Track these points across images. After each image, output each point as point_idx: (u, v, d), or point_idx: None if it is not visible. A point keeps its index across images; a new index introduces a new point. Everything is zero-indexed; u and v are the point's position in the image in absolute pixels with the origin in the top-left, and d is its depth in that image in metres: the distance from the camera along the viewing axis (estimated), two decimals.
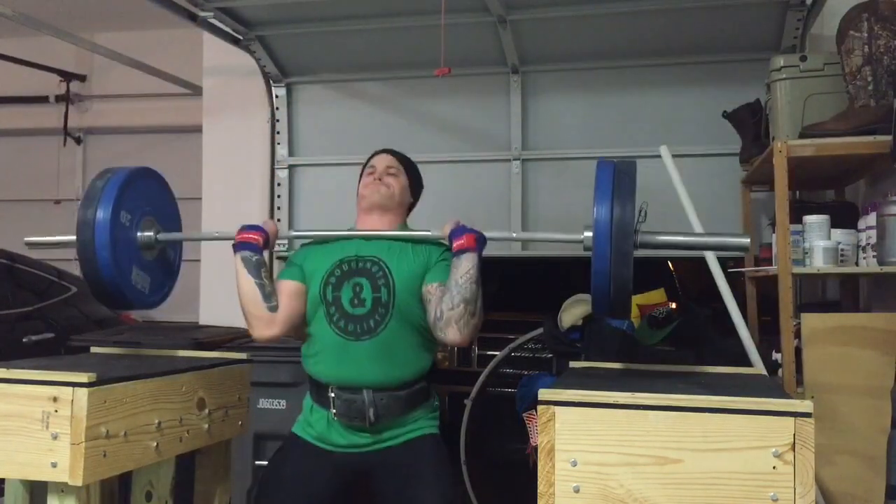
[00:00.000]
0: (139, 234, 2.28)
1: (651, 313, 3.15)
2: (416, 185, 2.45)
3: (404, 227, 2.39)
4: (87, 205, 2.17)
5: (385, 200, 2.32)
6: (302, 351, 2.31)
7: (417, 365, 2.23)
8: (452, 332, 2.11)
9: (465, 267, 2.11)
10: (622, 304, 1.83)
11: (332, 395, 2.19)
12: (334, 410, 2.19)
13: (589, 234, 1.84)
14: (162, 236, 2.34)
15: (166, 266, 2.44)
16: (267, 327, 2.20)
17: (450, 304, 2.10)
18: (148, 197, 2.34)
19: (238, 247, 2.23)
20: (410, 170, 2.44)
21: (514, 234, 2.22)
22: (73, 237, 2.20)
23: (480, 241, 2.16)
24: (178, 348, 2.70)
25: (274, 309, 2.19)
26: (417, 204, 2.50)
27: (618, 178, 1.82)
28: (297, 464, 2.23)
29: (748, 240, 1.96)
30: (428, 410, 2.28)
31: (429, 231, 2.26)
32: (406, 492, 2.16)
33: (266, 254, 2.26)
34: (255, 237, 2.22)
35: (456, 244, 2.14)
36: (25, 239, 2.44)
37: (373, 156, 2.45)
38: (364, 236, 2.29)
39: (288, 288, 2.24)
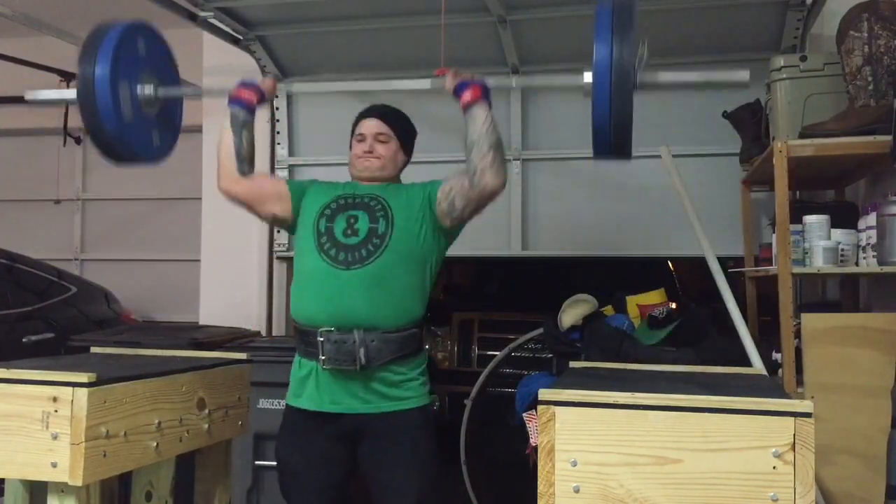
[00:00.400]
0: (139, 87, 2.26)
1: (651, 313, 3.15)
2: (408, 143, 2.44)
3: (397, 180, 2.40)
4: (85, 60, 2.15)
5: (378, 173, 2.34)
6: (291, 296, 2.30)
7: (409, 306, 2.20)
8: (490, 176, 2.16)
9: (482, 117, 2.17)
10: (622, 143, 1.83)
11: (321, 339, 2.15)
12: (323, 357, 2.15)
13: (589, 74, 1.83)
14: (162, 91, 2.32)
15: (168, 122, 2.42)
16: (229, 182, 2.32)
17: (480, 153, 2.15)
18: (148, 52, 2.32)
19: (231, 101, 2.30)
20: (401, 129, 2.41)
21: (514, 83, 2.33)
22: (74, 93, 2.19)
23: (485, 89, 2.21)
24: (178, 348, 2.70)
25: (243, 172, 2.30)
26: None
27: (617, 16, 1.80)
28: (300, 441, 2.24)
29: (747, 72, 1.94)
30: (419, 365, 2.25)
31: (427, 80, 2.30)
32: (389, 476, 2.18)
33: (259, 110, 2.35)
34: (249, 96, 2.30)
35: (463, 99, 2.20)
36: (26, 94, 2.44)
37: (360, 119, 2.42)
38: (365, 90, 2.42)
39: (276, 182, 2.41)
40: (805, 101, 2.76)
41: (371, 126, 2.38)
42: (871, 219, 2.55)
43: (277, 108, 4.12)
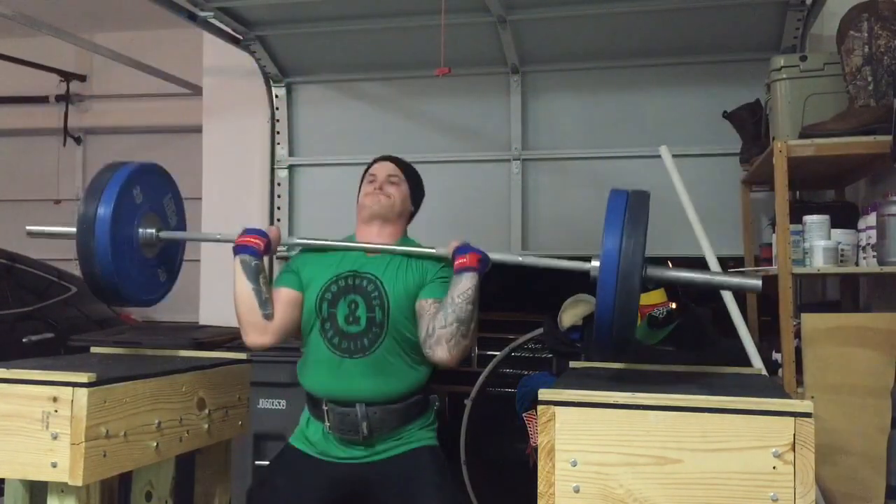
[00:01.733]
0: (140, 230, 2.26)
1: (651, 313, 3.15)
2: (417, 193, 2.42)
3: (405, 237, 2.37)
4: (88, 199, 2.15)
5: (385, 211, 2.30)
6: (297, 365, 2.30)
7: (411, 381, 2.21)
8: (441, 351, 2.08)
9: (465, 286, 2.09)
10: (623, 340, 1.80)
11: (326, 408, 2.18)
12: (328, 424, 2.18)
13: (596, 264, 1.80)
14: (164, 234, 2.33)
15: (167, 264, 2.43)
16: (260, 335, 2.18)
17: (443, 321, 2.07)
18: (153, 193, 2.32)
19: (238, 250, 2.19)
20: (412, 177, 2.40)
21: (520, 258, 2.21)
22: (73, 230, 2.17)
23: (483, 261, 2.14)
24: (178, 348, 2.70)
25: (269, 317, 2.17)
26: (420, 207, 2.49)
27: (629, 209, 1.79)
28: (293, 472, 2.21)
29: (760, 282, 1.91)
30: (425, 422, 2.26)
31: (433, 248, 2.23)
32: (408, 502, 2.15)
33: (266, 260, 2.24)
34: (256, 241, 2.19)
35: (458, 262, 2.12)
36: (27, 228, 2.42)
37: (373, 163, 2.42)
38: (365, 249, 2.25)
39: (284, 296, 2.22)
40: (805, 101, 2.76)
41: (383, 168, 2.37)
42: (871, 219, 2.55)
43: (277, 109, 4.12)
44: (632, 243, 1.74)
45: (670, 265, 5.31)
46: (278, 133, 4.13)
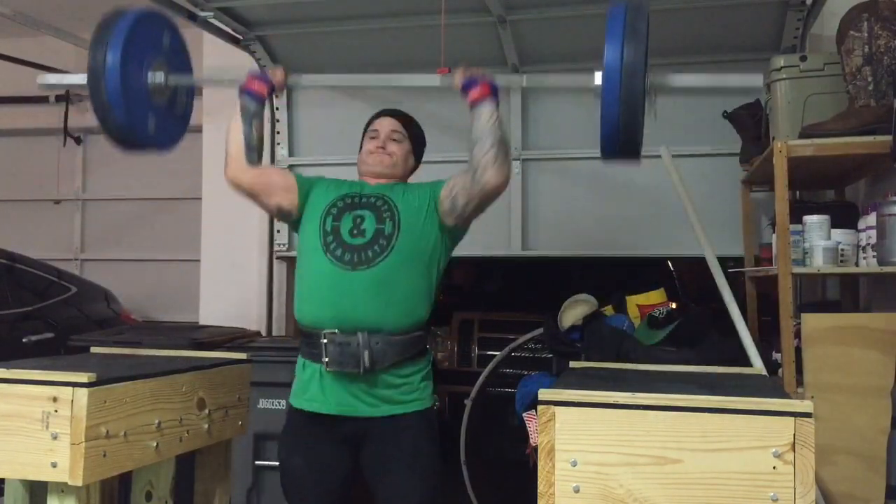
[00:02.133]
0: (150, 76, 2.25)
1: (651, 313, 3.15)
2: (419, 148, 2.44)
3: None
4: (96, 47, 2.13)
5: (388, 171, 2.33)
6: (295, 299, 2.28)
7: (415, 309, 2.19)
8: (491, 174, 2.13)
9: (488, 113, 2.13)
10: (631, 145, 1.82)
11: (325, 340, 2.13)
12: (326, 359, 2.13)
13: (599, 75, 1.80)
14: (173, 79, 2.32)
15: (178, 110, 2.42)
16: (237, 170, 2.30)
17: (482, 149, 2.12)
18: (156, 40, 2.30)
19: (241, 91, 2.29)
20: (414, 133, 2.42)
21: (524, 82, 2.31)
22: (83, 78, 2.16)
23: (494, 87, 2.17)
24: (178, 348, 2.70)
25: (251, 161, 2.26)
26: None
27: (629, 18, 1.79)
28: (302, 443, 2.23)
29: (760, 76, 1.93)
30: (423, 367, 2.24)
31: (437, 80, 2.26)
32: (391, 480, 2.17)
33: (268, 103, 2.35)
34: (260, 87, 2.28)
35: (472, 96, 2.16)
36: (39, 80, 2.42)
37: (375, 117, 2.43)
38: (374, 86, 2.38)
39: (284, 178, 2.36)
40: (805, 101, 2.76)
41: (386, 124, 2.38)
42: (871, 219, 2.55)
43: (277, 109, 4.12)
44: (632, 51, 1.76)
45: (671, 265, 5.33)
46: (278, 133, 4.13)
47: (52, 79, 2.43)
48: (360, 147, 2.41)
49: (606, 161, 1.97)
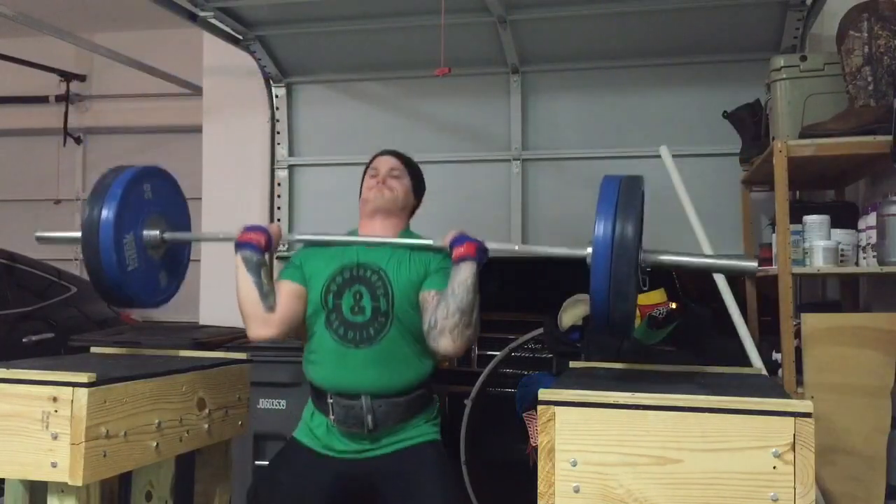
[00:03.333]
0: (145, 232, 2.27)
1: (651, 313, 3.15)
2: (419, 187, 2.43)
3: (407, 230, 2.38)
4: (93, 203, 2.15)
5: (388, 204, 2.31)
6: (303, 359, 2.30)
7: (417, 372, 2.21)
8: (445, 342, 2.09)
9: (464, 276, 2.09)
10: (622, 325, 1.79)
11: (331, 401, 2.18)
12: (333, 417, 2.18)
13: (590, 250, 1.79)
14: (168, 236, 2.33)
15: (173, 265, 2.43)
16: (263, 327, 2.20)
17: (444, 312, 2.08)
18: (156, 195, 2.32)
19: (239, 246, 2.21)
20: (413, 172, 2.42)
21: (517, 247, 2.20)
22: (79, 234, 2.18)
23: (481, 250, 2.14)
24: (178, 348, 2.69)
25: (271, 309, 2.18)
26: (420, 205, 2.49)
27: (622, 194, 1.78)
28: (296, 468, 2.22)
29: (755, 263, 1.92)
30: (429, 416, 2.27)
31: (430, 240, 2.24)
32: (408, 500, 2.15)
33: (267, 256, 2.25)
34: (258, 238, 2.21)
35: (456, 252, 2.12)
36: (36, 234, 2.43)
37: (375, 157, 2.43)
38: (366, 243, 2.27)
39: (287, 289, 2.24)
40: (805, 101, 2.76)
41: (385, 162, 2.38)
42: (871, 219, 2.55)
43: (277, 109, 4.12)
44: (624, 227, 1.73)
45: None
46: (278, 133, 4.13)
47: (51, 235, 2.46)
48: (360, 190, 2.39)
49: (596, 335, 1.94)
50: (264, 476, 2.29)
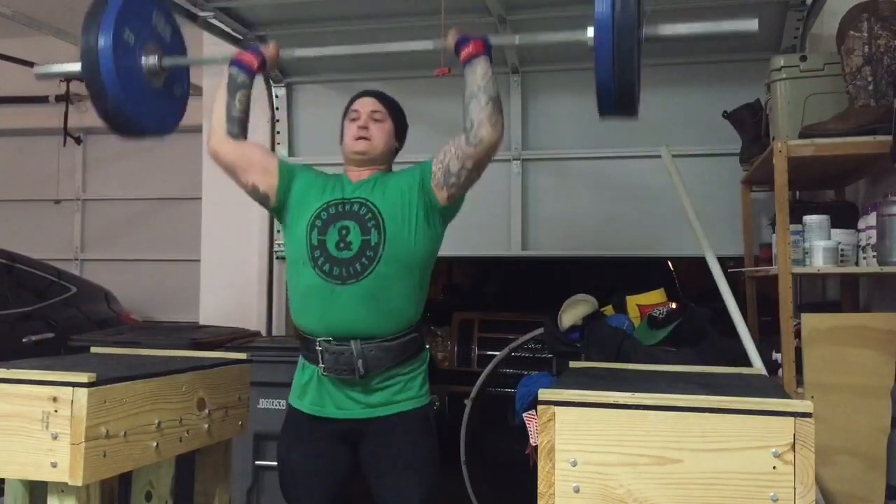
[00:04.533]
0: (143, 58, 2.25)
1: (651, 313, 3.15)
2: (401, 129, 2.40)
3: (389, 169, 2.37)
4: (87, 30, 2.13)
5: (371, 153, 2.29)
6: (290, 304, 2.29)
7: (407, 313, 2.19)
8: (486, 130, 2.12)
9: (482, 70, 2.13)
10: (627, 101, 1.79)
11: (320, 348, 2.15)
12: (322, 365, 2.15)
13: (591, 30, 1.79)
14: (167, 61, 2.31)
15: (174, 93, 2.42)
16: (218, 142, 2.30)
17: (478, 106, 2.11)
18: (150, 21, 2.30)
19: (232, 62, 2.29)
20: (395, 112, 2.39)
21: (517, 39, 2.31)
22: (79, 66, 2.18)
23: (487, 45, 2.16)
24: (178, 348, 2.70)
25: (231, 135, 2.27)
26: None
27: None
28: (304, 445, 2.23)
29: (755, 21, 1.89)
30: (419, 366, 2.24)
31: (430, 44, 2.24)
32: (390, 477, 2.17)
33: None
34: (250, 59, 2.29)
35: (464, 53, 2.15)
36: (35, 70, 2.43)
37: (355, 98, 2.39)
38: (363, 53, 2.43)
39: (267, 157, 2.34)
40: (805, 101, 2.76)
41: (366, 104, 2.35)
42: (871, 219, 2.55)
43: (277, 109, 4.12)
44: (624, 2, 1.74)
45: (671, 265, 5.33)
46: (278, 133, 4.14)
47: (49, 69, 2.44)
48: (341, 132, 2.36)
49: (604, 118, 1.95)
50: (281, 458, 2.29)
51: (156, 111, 2.32)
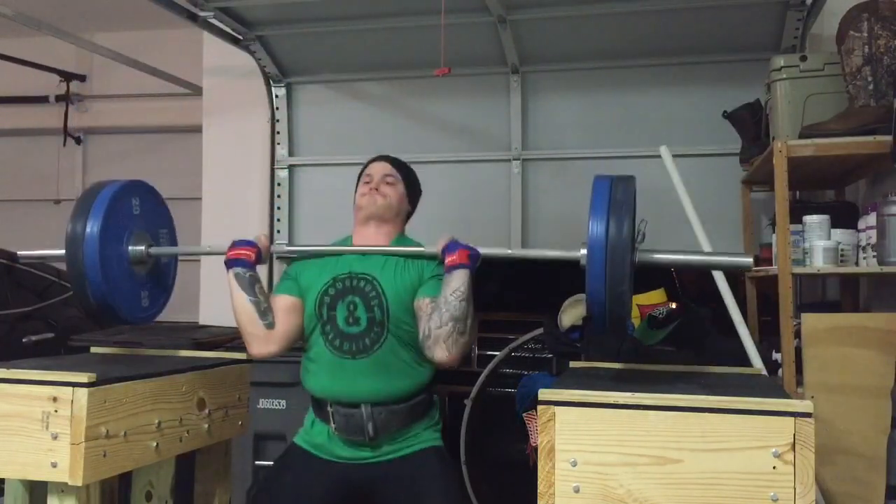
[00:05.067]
0: (130, 248, 2.25)
1: (651, 313, 3.15)
2: (413, 193, 2.42)
3: (402, 236, 2.37)
4: (76, 219, 2.15)
5: (382, 211, 2.30)
6: (301, 368, 2.30)
7: (415, 379, 2.21)
8: (440, 351, 2.09)
9: (456, 284, 2.08)
10: (619, 323, 1.79)
11: (331, 409, 2.18)
12: (333, 425, 2.18)
13: (584, 251, 1.79)
14: (154, 250, 2.31)
15: (160, 280, 2.42)
16: (264, 344, 2.19)
17: (438, 321, 2.07)
18: (141, 210, 2.31)
19: (230, 263, 2.19)
20: (408, 177, 2.40)
21: (510, 251, 2.22)
22: (62, 251, 2.17)
23: (473, 257, 2.13)
24: (178, 348, 2.70)
25: (271, 326, 2.18)
26: (417, 206, 2.48)
27: (614, 194, 1.77)
28: (298, 472, 2.22)
29: (751, 259, 1.91)
30: (430, 422, 2.26)
31: (423, 247, 2.23)
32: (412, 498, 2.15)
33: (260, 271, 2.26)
34: (247, 253, 2.20)
35: (448, 260, 2.11)
36: (19, 252, 2.42)
37: (369, 163, 2.41)
38: (358, 252, 2.25)
39: (285, 303, 2.23)
40: (805, 101, 2.76)
41: (379, 167, 2.37)
42: (871, 219, 2.55)
43: (277, 109, 4.12)
44: (617, 227, 1.72)
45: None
46: (278, 133, 4.13)
47: (33, 253, 2.47)
48: (354, 197, 2.37)
49: (596, 336, 1.94)
50: (269, 477, 2.29)
51: (138, 299, 2.31)
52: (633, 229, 1.78)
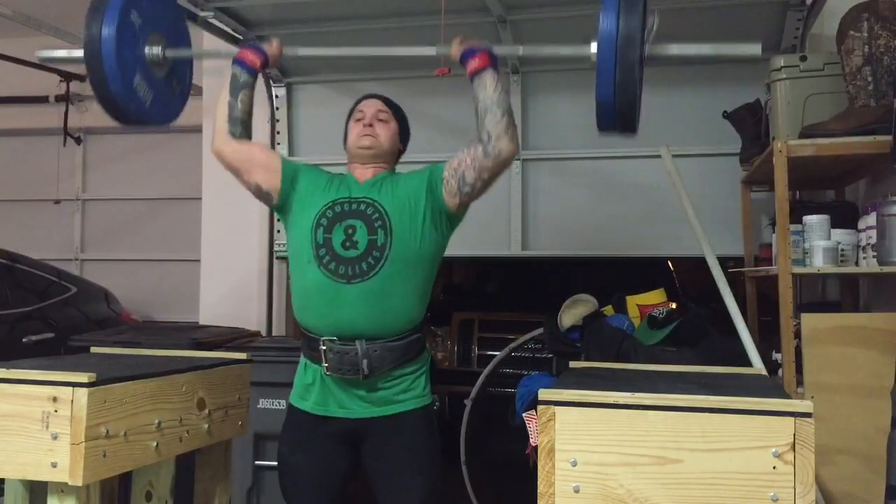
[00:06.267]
0: (147, 49, 2.26)
1: (651, 313, 3.15)
2: (404, 132, 2.42)
3: (393, 171, 2.37)
4: (92, 19, 2.13)
5: (376, 149, 2.29)
6: (292, 302, 2.28)
7: (411, 314, 2.19)
8: (504, 143, 2.13)
9: (492, 83, 2.14)
10: (627, 119, 1.79)
11: (324, 347, 2.15)
12: (326, 364, 2.15)
13: (594, 45, 1.78)
14: (170, 52, 2.32)
15: (178, 82, 2.43)
16: (221, 142, 2.31)
17: (494, 118, 2.12)
18: (152, 12, 2.30)
19: (235, 61, 2.31)
20: (399, 115, 2.41)
21: (521, 50, 2.36)
22: (81, 52, 2.17)
23: (493, 56, 2.17)
24: (178, 348, 2.70)
25: (234, 134, 2.28)
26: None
27: None
28: (308, 447, 2.23)
29: (759, 45, 1.90)
30: (421, 367, 2.25)
31: (433, 50, 2.26)
32: (393, 477, 2.17)
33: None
34: (253, 58, 2.30)
35: (470, 67, 2.16)
36: (37, 53, 2.41)
37: (360, 100, 2.41)
38: (371, 56, 2.39)
39: (270, 156, 2.36)
40: (805, 101, 2.76)
41: (372, 104, 2.37)
42: (871, 219, 2.55)
43: (277, 109, 4.12)
44: (629, 20, 1.74)
45: (671, 266, 5.33)
46: (278, 133, 4.13)
47: (53, 53, 2.44)
48: (346, 133, 2.37)
49: (602, 135, 1.96)
50: (283, 459, 2.29)
51: (158, 99, 2.33)
52: (643, 24, 1.78)
